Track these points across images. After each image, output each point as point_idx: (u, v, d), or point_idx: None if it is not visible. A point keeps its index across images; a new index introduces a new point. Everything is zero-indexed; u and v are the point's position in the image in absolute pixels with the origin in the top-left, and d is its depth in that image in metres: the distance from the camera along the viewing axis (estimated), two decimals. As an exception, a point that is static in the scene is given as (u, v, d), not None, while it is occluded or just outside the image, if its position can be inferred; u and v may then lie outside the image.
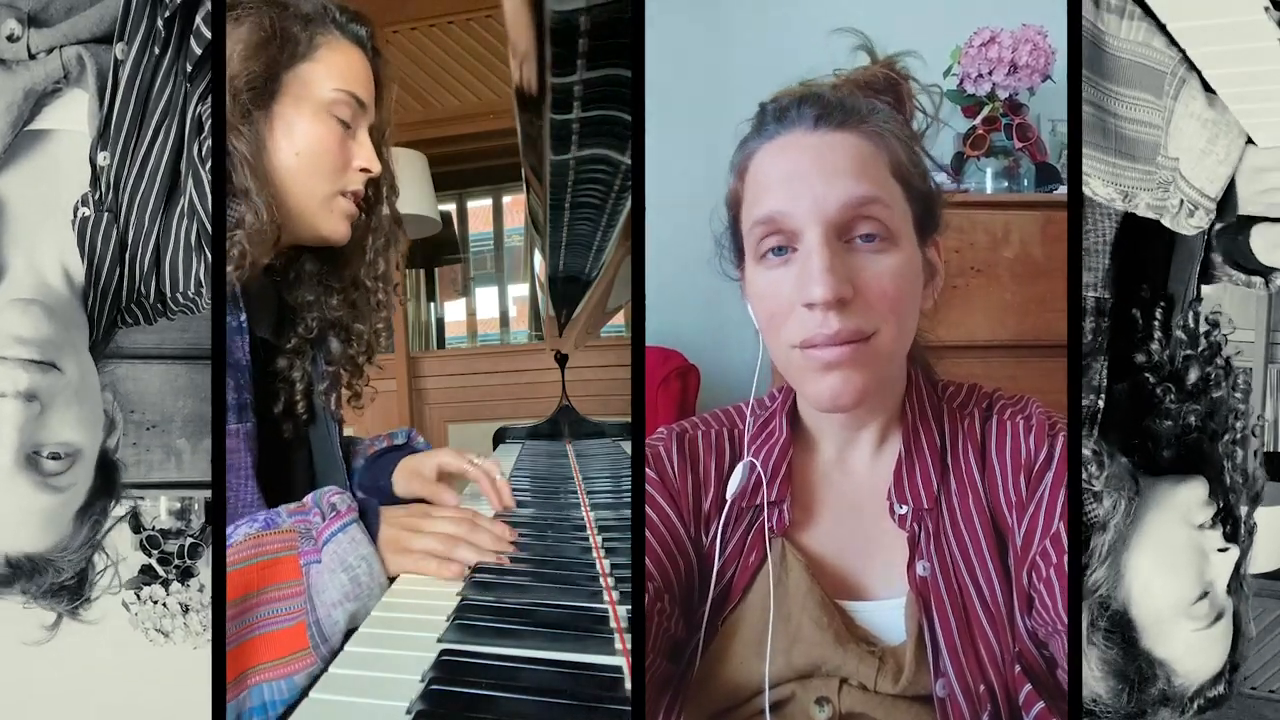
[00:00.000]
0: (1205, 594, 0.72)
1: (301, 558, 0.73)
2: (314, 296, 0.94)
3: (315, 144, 0.85)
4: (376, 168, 0.90)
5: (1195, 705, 0.74)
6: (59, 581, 0.75)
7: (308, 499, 0.79)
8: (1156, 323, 0.79)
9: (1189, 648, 0.73)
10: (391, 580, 0.79)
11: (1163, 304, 0.80)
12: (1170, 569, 0.72)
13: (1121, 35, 0.67)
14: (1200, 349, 0.78)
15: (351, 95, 0.87)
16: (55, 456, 0.69)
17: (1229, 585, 0.74)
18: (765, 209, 0.66)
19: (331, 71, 0.86)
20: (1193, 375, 0.77)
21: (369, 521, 0.79)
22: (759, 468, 0.72)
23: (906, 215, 0.68)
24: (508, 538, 0.87)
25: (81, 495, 0.74)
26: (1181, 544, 0.73)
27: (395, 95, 0.96)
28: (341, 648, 0.70)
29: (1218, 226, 0.75)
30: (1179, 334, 0.79)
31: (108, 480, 0.77)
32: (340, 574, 0.74)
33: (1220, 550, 0.73)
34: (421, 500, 1.00)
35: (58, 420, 0.69)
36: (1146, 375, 0.78)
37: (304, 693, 0.66)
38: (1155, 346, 0.78)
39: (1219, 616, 0.73)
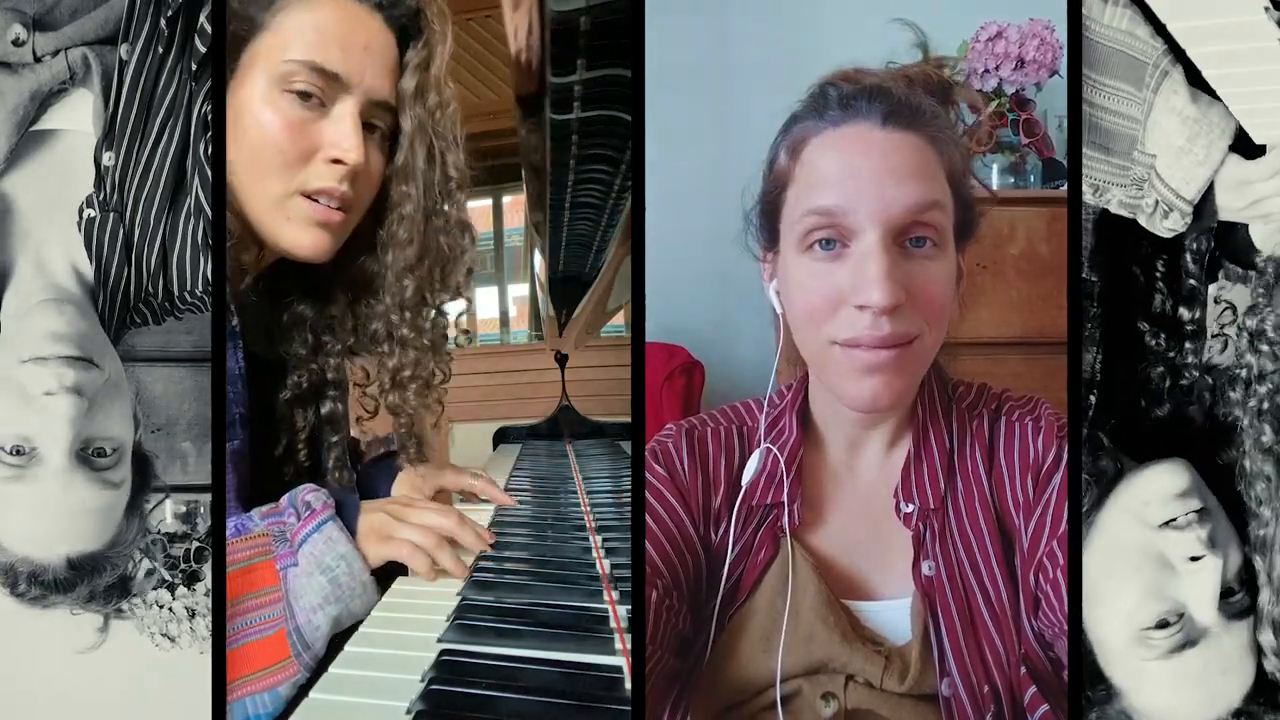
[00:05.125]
0: (1168, 621, 0.57)
1: (277, 562, 0.69)
2: (305, 352, 0.82)
3: (257, 134, 0.70)
4: (353, 157, 0.71)
5: None
6: (109, 582, 0.76)
7: (283, 499, 0.73)
8: (1159, 275, 0.70)
9: (1141, 681, 0.58)
10: (374, 574, 0.73)
11: (1165, 256, 0.69)
12: (1116, 578, 0.58)
13: (1104, 21, 0.63)
14: (1199, 296, 0.69)
15: (308, 65, 0.69)
16: (102, 453, 0.70)
17: (1236, 609, 0.57)
18: (824, 200, 0.65)
19: (288, 40, 0.70)
20: (1186, 314, 0.69)
21: (347, 517, 0.73)
22: (775, 452, 0.72)
23: (952, 222, 0.68)
24: (488, 539, 0.82)
25: (129, 491, 0.74)
26: (1130, 546, 0.59)
27: (449, 33, 0.75)
28: (326, 654, 0.67)
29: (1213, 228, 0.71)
30: (1189, 281, 0.69)
31: (144, 474, 0.78)
32: (318, 576, 0.69)
33: (1193, 559, 0.56)
34: None
35: (103, 415, 0.70)
36: (1142, 326, 0.69)
37: (289, 704, 0.65)
38: (1158, 299, 0.70)
39: (1188, 645, 0.57)
